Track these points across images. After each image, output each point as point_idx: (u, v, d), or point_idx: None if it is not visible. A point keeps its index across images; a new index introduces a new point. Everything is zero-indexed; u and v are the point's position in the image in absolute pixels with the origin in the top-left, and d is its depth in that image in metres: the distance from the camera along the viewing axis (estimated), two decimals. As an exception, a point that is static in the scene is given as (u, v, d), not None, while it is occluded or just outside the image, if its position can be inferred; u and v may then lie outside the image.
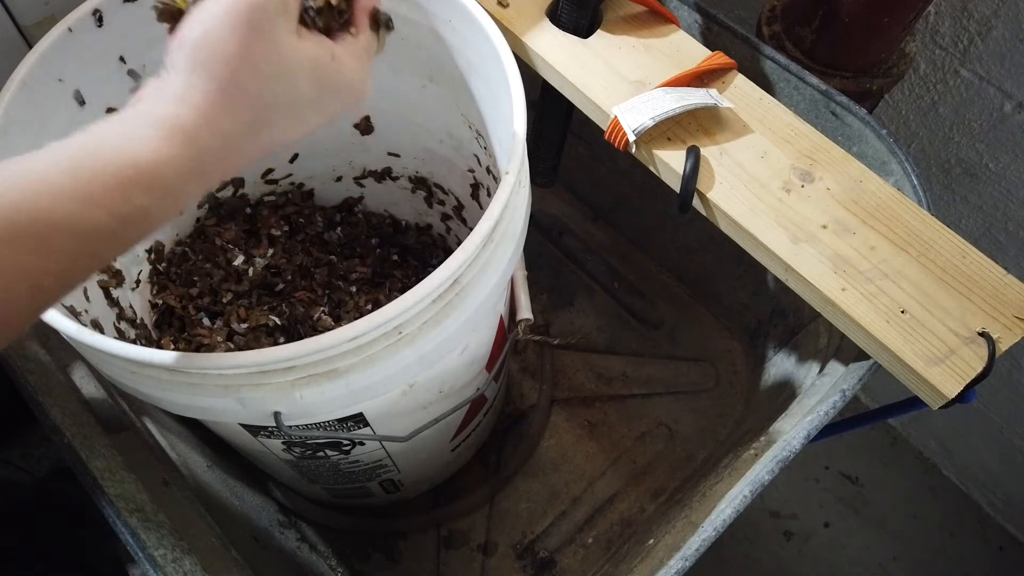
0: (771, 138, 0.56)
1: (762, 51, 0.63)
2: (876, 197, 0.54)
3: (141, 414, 0.66)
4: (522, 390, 0.91)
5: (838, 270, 0.51)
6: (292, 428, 0.51)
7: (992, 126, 0.80)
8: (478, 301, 0.45)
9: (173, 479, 0.60)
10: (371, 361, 0.42)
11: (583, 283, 0.99)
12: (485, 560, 0.81)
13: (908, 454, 1.21)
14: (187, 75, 0.31)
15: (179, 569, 0.48)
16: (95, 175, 0.28)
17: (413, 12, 0.55)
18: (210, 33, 0.31)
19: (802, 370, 0.71)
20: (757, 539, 1.13)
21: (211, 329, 0.66)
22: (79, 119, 0.52)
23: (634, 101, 0.56)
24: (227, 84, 0.31)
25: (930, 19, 0.77)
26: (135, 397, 0.47)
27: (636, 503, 0.84)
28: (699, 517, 0.51)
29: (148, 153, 0.29)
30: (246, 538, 0.69)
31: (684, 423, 0.90)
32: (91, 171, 0.28)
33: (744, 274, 0.86)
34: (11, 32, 0.57)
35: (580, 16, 0.60)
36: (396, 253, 0.80)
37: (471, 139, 0.63)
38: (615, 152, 0.57)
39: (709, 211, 0.55)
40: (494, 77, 0.51)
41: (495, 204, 0.42)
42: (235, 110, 0.31)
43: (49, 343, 0.58)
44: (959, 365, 0.47)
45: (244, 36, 0.31)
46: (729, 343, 0.94)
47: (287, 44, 0.33)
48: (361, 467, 0.64)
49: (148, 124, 0.30)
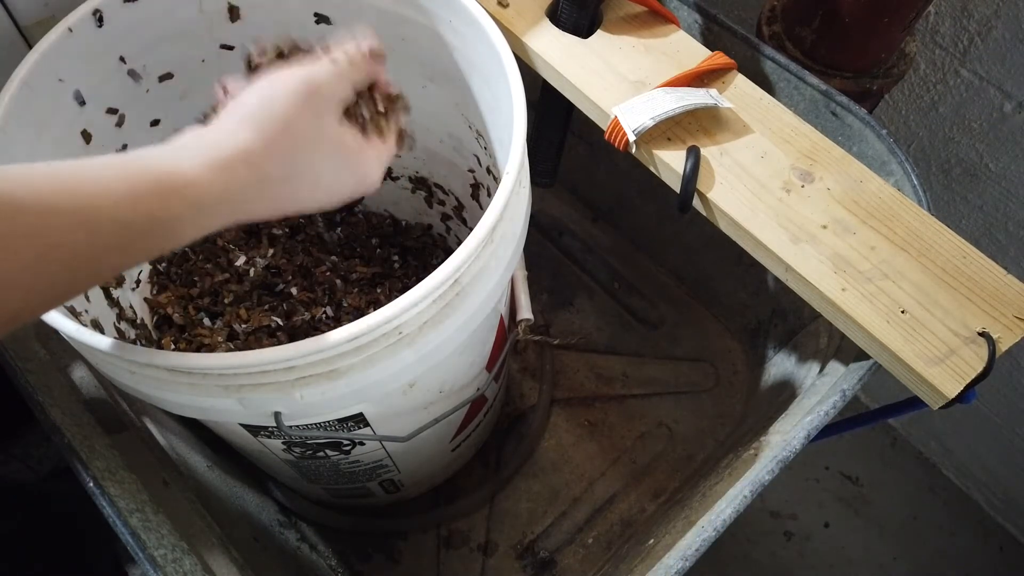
0: (771, 138, 0.56)
1: (762, 51, 0.63)
2: (876, 197, 0.54)
3: (141, 414, 0.66)
4: (522, 390, 0.91)
5: (838, 270, 0.51)
6: (292, 428, 0.51)
7: (992, 126, 0.80)
8: (478, 301, 0.45)
9: (173, 479, 0.60)
10: (371, 361, 0.42)
11: (583, 283, 0.99)
12: (485, 560, 0.81)
13: (908, 454, 1.21)
14: (238, 121, 0.35)
15: (179, 569, 0.48)
16: (142, 177, 0.31)
17: (413, 12, 0.55)
18: (269, 97, 0.36)
19: (802, 370, 0.71)
20: (757, 539, 1.13)
21: (212, 329, 0.66)
22: (79, 119, 0.52)
23: (634, 101, 0.56)
24: (271, 138, 0.35)
25: (930, 19, 0.77)
26: (135, 397, 0.47)
27: (636, 503, 0.84)
28: (699, 517, 0.51)
29: (191, 170, 0.32)
30: (246, 538, 0.69)
31: (684, 423, 0.90)
32: (139, 173, 0.31)
33: (744, 274, 0.86)
34: (11, 32, 0.57)
35: (580, 16, 0.60)
36: (396, 253, 0.80)
37: (471, 139, 0.63)
38: (615, 152, 0.57)
39: (709, 211, 0.55)
40: (494, 77, 0.51)
41: (495, 204, 0.42)
42: (272, 160, 0.35)
43: (49, 343, 0.58)
44: (959, 365, 0.47)
45: (297, 106, 0.36)
46: (729, 343, 0.94)
47: (330, 125, 0.38)
48: (361, 467, 0.64)
49: (196, 148, 0.34)
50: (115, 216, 0.30)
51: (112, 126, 0.56)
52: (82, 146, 0.53)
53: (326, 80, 0.38)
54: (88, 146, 0.53)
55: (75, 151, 0.52)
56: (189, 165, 0.32)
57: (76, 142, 0.53)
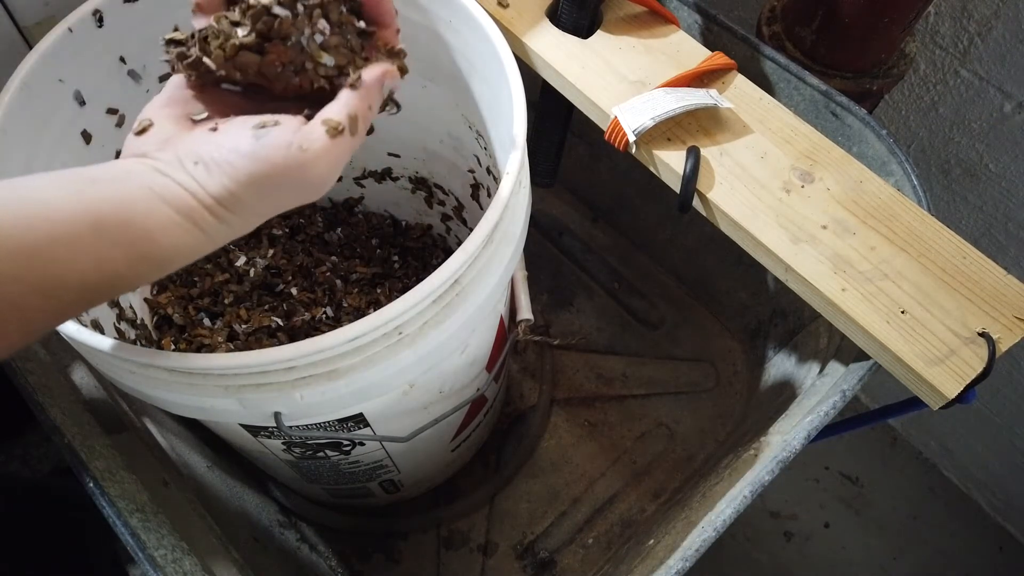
0: (771, 138, 0.56)
1: (762, 51, 0.63)
2: (876, 197, 0.54)
3: (141, 414, 0.66)
4: (522, 390, 0.91)
5: (838, 270, 0.51)
6: (292, 428, 0.51)
7: (992, 126, 0.80)
8: (478, 301, 0.45)
9: (173, 479, 0.60)
10: (371, 361, 0.42)
11: (583, 283, 0.99)
12: (485, 560, 0.81)
13: (908, 454, 1.21)
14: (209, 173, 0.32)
15: (179, 569, 0.48)
16: (117, 239, 0.30)
17: (413, 12, 0.55)
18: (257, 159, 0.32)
19: (802, 370, 0.71)
20: (757, 539, 1.13)
21: (212, 329, 0.66)
22: (79, 119, 0.52)
23: (634, 101, 0.56)
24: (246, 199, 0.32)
25: (930, 19, 0.77)
26: (135, 397, 0.47)
27: (636, 503, 0.84)
28: (699, 517, 0.51)
29: (163, 234, 0.31)
30: (246, 538, 0.69)
31: (684, 423, 0.90)
32: (114, 234, 0.30)
33: (744, 274, 0.86)
34: (11, 32, 0.57)
35: (580, 16, 0.60)
36: (396, 253, 0.80)
37: (471, 139, 0.63)
38: (615, 152, 0.57)
39: (709, 211, 0.55)
40: (494, 77, 0.51)
41: (495, 204, 0.42)
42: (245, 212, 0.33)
43: (49, 343, 0.58)
44: (959, 365, 0.47)
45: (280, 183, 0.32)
46: (729, 343, 0.94)
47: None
48: (361, 467, 0.64)
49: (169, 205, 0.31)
50: (80, 281, 0.30)
51: (112, 126, 0.56)
52: (82, 146, 0.53)
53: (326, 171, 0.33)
54: (88, 146, 0.53)
55: (75, 151, 0.52)
56: (163, 224, 0.31)
57: (76, 142, 0.52)
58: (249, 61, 0.33)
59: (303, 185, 0.33)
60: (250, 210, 0.33)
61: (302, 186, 0.33)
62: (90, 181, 0.31)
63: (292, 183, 0.33)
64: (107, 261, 0.30)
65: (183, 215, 0.31)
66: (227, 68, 0.34)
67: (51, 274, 0.29)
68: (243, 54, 0.33)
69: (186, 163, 0.32)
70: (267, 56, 0.33)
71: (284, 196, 0.34)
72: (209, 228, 0.32)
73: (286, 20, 0.32)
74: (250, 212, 0.33)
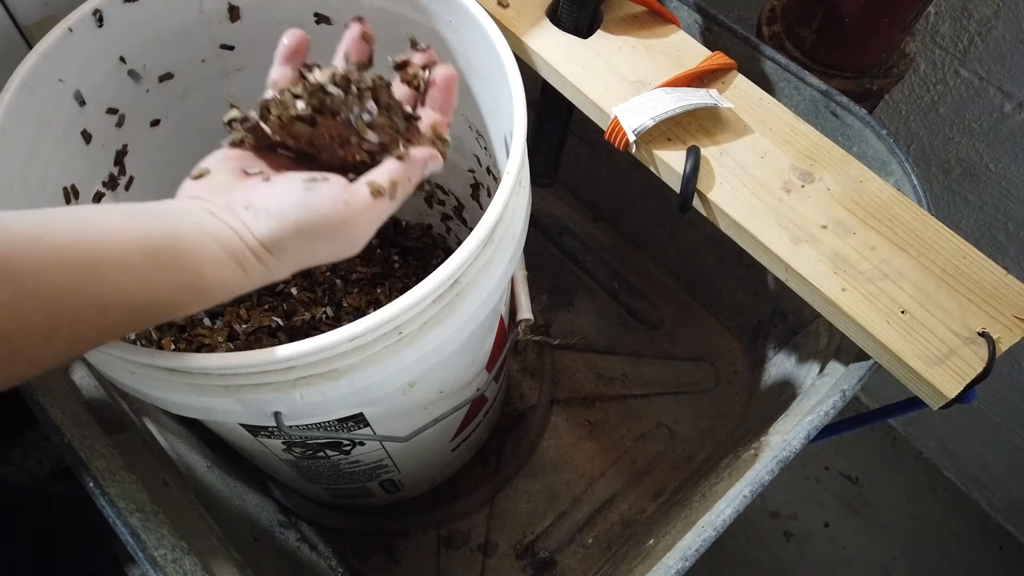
0: (771, 138, 0.56)
1: (762, 51, 0.63)
2: (876, 197, 0.54)
3: (141, 414, 0.66)
4: (522, 390, 0.91)
5: (838, 270, 0.51)
6: (292, 428, 0.51)
7: (992, 126, 0.80)
8: (478, 301, 0.45)
9: (173, 479, 0.60)
10: (371, 361, 0.42)
11: (583, 283, 0.99)
12: (485, 560, 0.81)
13: (908, 454, 1.21)
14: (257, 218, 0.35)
15: (179, 569, 0.48)
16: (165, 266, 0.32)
17: (413, 12, 0.55)
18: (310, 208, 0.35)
19: (802, 370, 0.71)
20: (757, 539, 1.13)
21: (212, 329, 0.66)
22: (79, 119, 0.52)
23: (634, 101, 0.56)
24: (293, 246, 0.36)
25: (930, 19, 0.77)
26: (135, 397, 0.47)
27: (636, 503, 0.84)
28: (699, 517, 0.51)
29: (209, 268, 0.34)
30: (246, 538, 0.69)
31: (684, 423, 0.90)
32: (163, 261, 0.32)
33: (744, 274, 0.86)
34: (11, 32, 0.57)
35: (580, 16, 0.60)
36: (396, 253, 0.80)
37: (471, 139, 0.63)
38: (615, 152, 0.57)
39: (709, 211, 0.55)
40: (494, 77, 0.51)
41: (495, 204, 0.42)
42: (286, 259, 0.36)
43: (49, 343, 0.58)
44: (959, 365, 0.47)
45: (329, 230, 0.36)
46: (729, 343, 0.94)
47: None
48: (361, 467, 0.64)
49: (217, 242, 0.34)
50: (128, 302, 0.32)
51: (112, 126, 0.56)
52: (82, 146, 0.53)
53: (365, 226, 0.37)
54: (88, 146, 0.53)
55: (75, 151, 0.52)
56: (212, 261, 0.33)
57: (76, 142, 0.53)
58: (302, 131, 0.37)
59: (342, 238, 0.36)
60: (290, 256, 0.36)
61: (341, 239, 0.37)
62: (147, 213, 0.33)
63: (333, 234, 0.36)
64: (154, 287, 0.32)
65: (228, 253, 0.34)
66: (282, 134, 0.38)
67: (103, 291, 0.31)
68: (297, 124, 0.37)
69: (237, 208, 0.35)
70: (318, 128, 0.37)
71: (323, 247, 0.37)
72: (251, 268, 0.35)
73: (338, 98, 0.37)
74: (290, 259, 0.36)
